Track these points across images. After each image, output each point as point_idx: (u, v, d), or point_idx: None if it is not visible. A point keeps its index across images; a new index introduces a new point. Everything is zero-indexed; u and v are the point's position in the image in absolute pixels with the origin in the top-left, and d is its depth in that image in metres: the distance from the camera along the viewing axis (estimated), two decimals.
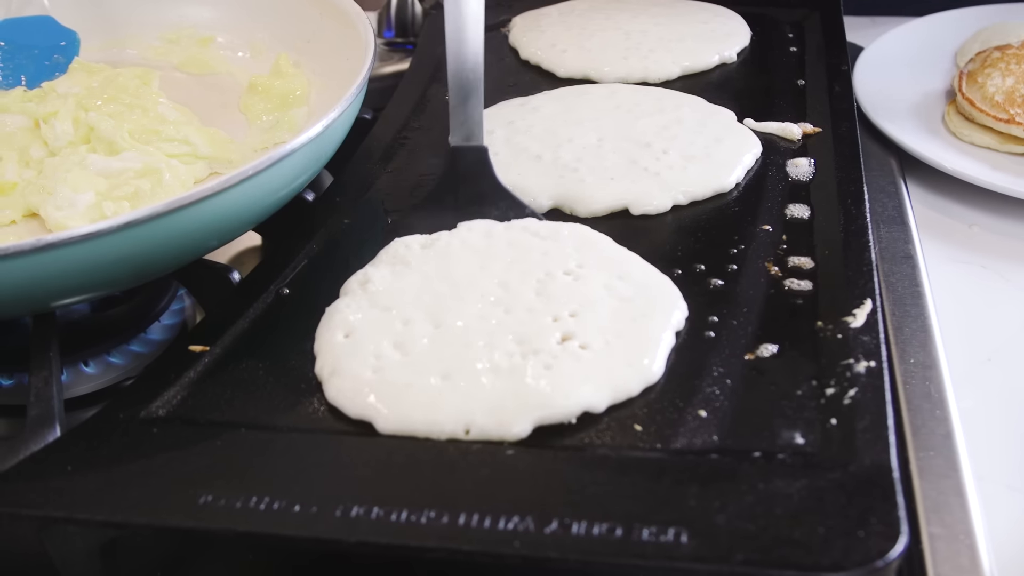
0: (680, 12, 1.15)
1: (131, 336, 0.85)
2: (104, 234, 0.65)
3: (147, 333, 0.86)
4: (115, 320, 0.86)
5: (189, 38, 1.07)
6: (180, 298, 0.89)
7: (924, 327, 0.82)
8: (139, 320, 0.86)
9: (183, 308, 0.89)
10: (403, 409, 0.64)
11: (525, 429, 0.63)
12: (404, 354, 0.68)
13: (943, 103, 1.12)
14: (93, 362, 0.83)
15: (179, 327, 0.87)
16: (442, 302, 0.71)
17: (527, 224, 0.79)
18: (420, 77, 1.09)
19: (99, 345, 0.84)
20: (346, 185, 0.90)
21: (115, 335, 0.85)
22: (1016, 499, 0.71)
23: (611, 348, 0.67)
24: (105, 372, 0.83)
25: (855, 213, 0.81)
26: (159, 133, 0.87)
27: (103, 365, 0.83)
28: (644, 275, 0.74)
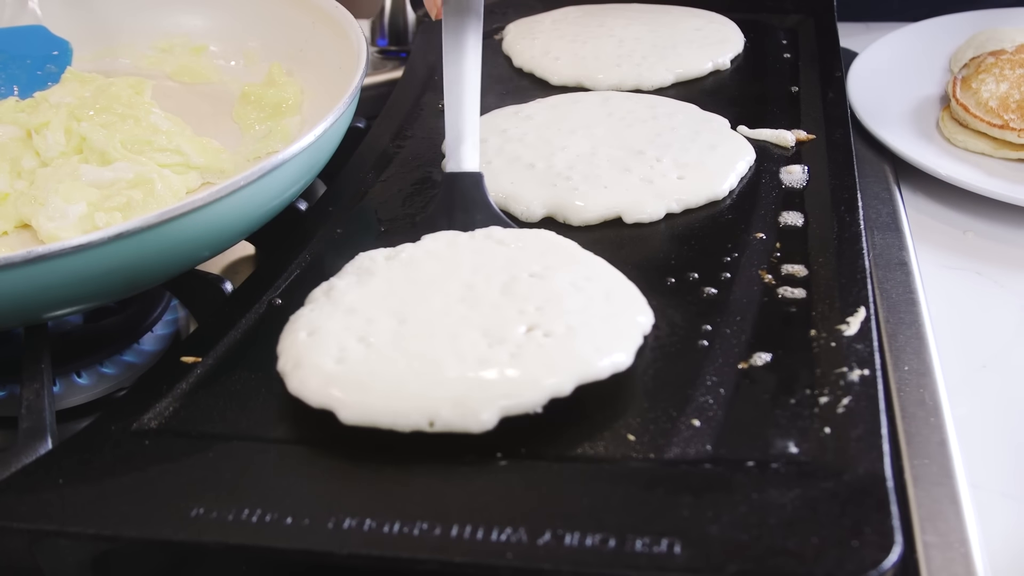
0: (673, 19, 1.15)
1: (124, 347, 0.85)
2: (96, 245, 0.65)
3: (140, 344, 0.85)
4: (108, 331, 0.86)
5: (182, 47, 1.07)
6: (173, 308, 0.89)
7: (918, 334, 0.82)
8: (132, 331, 0.86)
9: (176, 319, 0.89)
10: (366, 399, 0.63)
11: (491, 419, 0.62)
12: (368, 347, 0.66)
13: (937, 109, 1.12)
14: (86, 373, 0.83)
15: (172, 337, 0.87)
16: (407, 302, 0.70)
17: (491, 232, 0.78)
18: (413, 85, 1.09)
19: (92, 356, 0.84)
20: (339, 194, 0.90)
21: (108, 346, 0.84)
22: (1011, 507, 0.70)
23: (577, 333, 0.66)
24: (98, 383, 0.82)
25: (849, 220, 0.81)
26: (151, 143, 0.87)
27: (96, 376, 0.83)
28: (612, 277, 0.73)
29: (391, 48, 1.25)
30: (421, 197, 0.89)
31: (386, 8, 1.25)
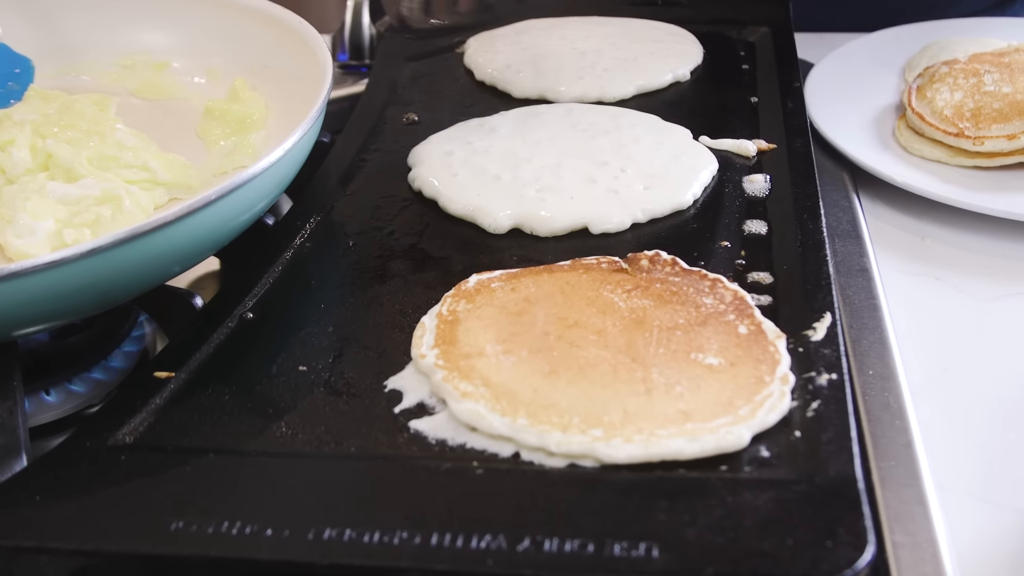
0: (633, 31, 1.16)
1: (92, 364, 0.84)
2: (68, 262, 0.65)
3: (108, 360, 0.85)
4: (76, 348, 0.85)
5: (144, 64, 1.07)
6: (140, 324, 0.89)
7: (881, 339, 0.83)
8: (100, 347, 0.85)
9: (144, 335, 0.88)
10: None
11: None
12: None
13: (893, 117, 1.13)
14: (54, 391, 0.82)
15: (140, 354, 0.86)
16: None
17: None
18: (376, 100, 1.09)
19: (60, 373, 0.83)
20: (306, 209, 0.90)
21: (76, 363, 0.84)
22: (977, 507, 0.72)
23: None
24: (67, 400, 0.82)
25: (812, 228, 0.82)
26: (118, 159, 0.87)
27: (64, 393, 0.82)
28: None
29: (352, 62, 1.25)
30: (388, 211, 0.90)
31: (346, 23, 1.25)
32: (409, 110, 1.06)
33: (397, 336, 0.75)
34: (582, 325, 0.72)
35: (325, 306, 0.79)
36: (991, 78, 1.08)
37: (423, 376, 0.70)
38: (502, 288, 0.76)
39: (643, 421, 0.64)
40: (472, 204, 0.86)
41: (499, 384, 0.67)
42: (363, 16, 1.25)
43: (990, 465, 0.75)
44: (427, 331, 0.73)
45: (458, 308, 0.74)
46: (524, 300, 0.75)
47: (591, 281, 0.76)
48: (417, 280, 0.81)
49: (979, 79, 1.08)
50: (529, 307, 0.74)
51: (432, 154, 0.95)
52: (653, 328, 0.71)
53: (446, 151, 0.91)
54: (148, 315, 0.88)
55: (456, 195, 0.87)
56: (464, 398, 0.66)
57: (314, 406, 0.69)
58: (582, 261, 0.79)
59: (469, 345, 0.71)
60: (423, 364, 0.70)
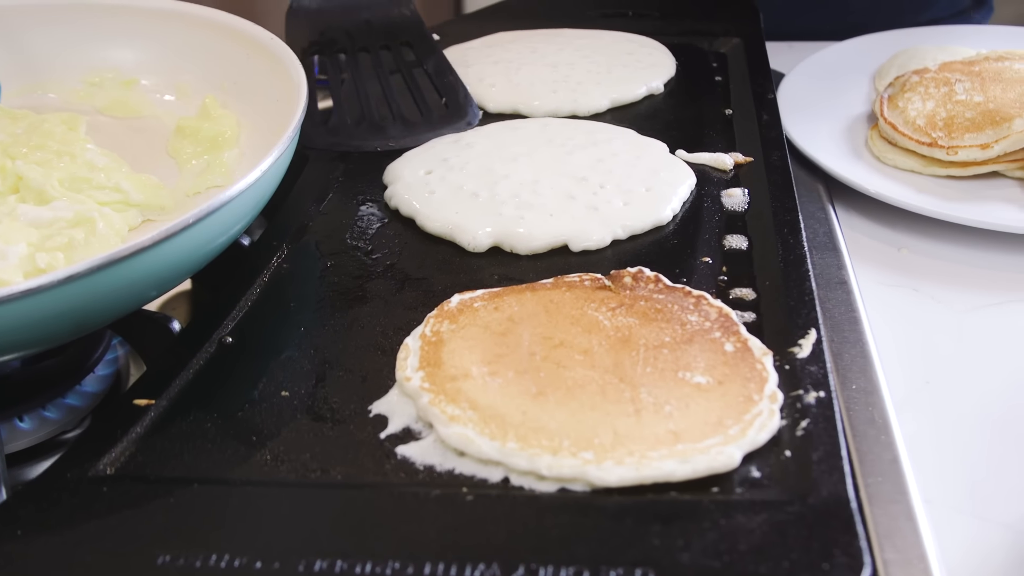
0: (605, 44, 1.16)
1: (66, 389, 0.83)
2: (43, 290, 0.64)
3: (82, 385, 0.84)
4: (48, 373, 0.84)
5: (112, 81, 1.05)
6: (114, 348, 0.87)
7: (863, 353, 0.83)
8: (73, 372, 0.84)
9: (117, 357, 0.87)
10: None
11: None
12: None
13: (865, 127, 1.14)
14: (28, 417, 0.81)
15: (114, 377, 0.85)
16: None
17: None
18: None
19: (33, 400, 0.81)
20: (282, 229, 0.89)
21: (49, 388, 0.82)
22: (965, 522, 0.72)
23: None
24: (41, 427, 0.80)
25: (792, 243, 0.82)
26: (89, 181, 0.85)
27: (38, 420, 0.81)
28: None
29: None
30: (365, 230, 0.89)
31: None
32: None
33: (380, 359, 0.74)
34: (568, 345, 0.71)
35: (305, 329, 0.77)
36: (962, 87, 1.08)
37: (408, 399, 0.69)
38: (485, 307, 0.76)
39: (634, 443, 0.63)
40: (451, 222, 0.86)
41: (487, 407, 0.66)
42: None
43: (976, 479, 0.75)
44: (411, 353, 0.72)
45: (441, 329, 0.74)
46: (508, 319, 0.74)
47: (575, 299, 0.76)
48: (397, 301, 0.80)
49: (950, 88, 1.08)
50: (513, 327, 0.73)
51: (408, 172, 0.94)
52: (639, 347, 0.71)
53: (422, 169, 0.90)
54: (122, 338, 0.87)
55: (434, 213, 0.86)
56: (452, 422, 0.65)
57: (298, 433, 0.68)
58: (565, 279, 0.78)
59: (454, 367, 0.70)
60: (408, 387, 0.69)
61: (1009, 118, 1.02)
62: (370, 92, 1.06)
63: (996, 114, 1.03)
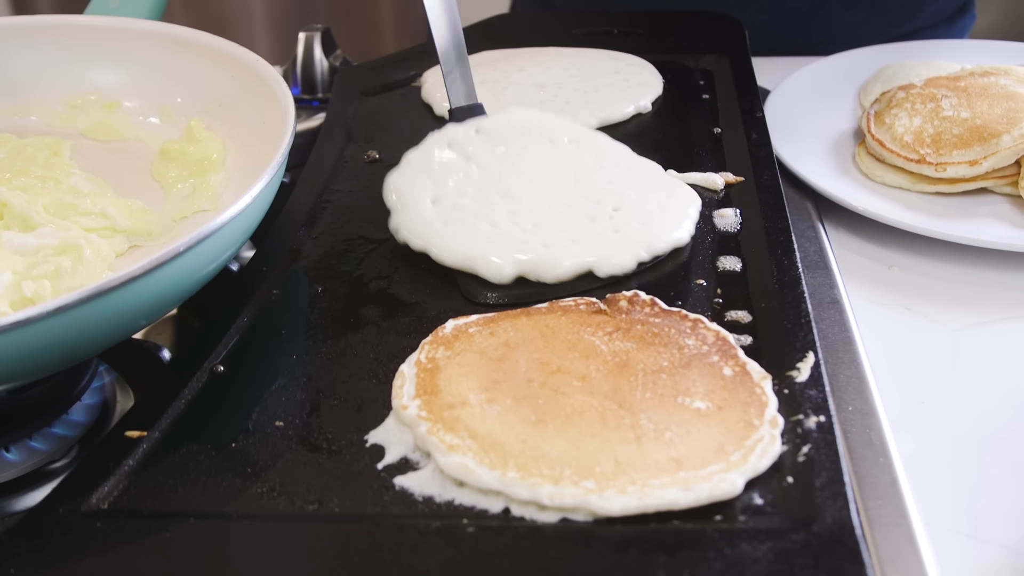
0: (591, 62, 1.15)
1: (52, 418, 0.81)
2: (33, 321, 0.63)
3: (69, 414, 0.82)
4: (34, 402, 0.82)
5: (94, 103, 1.03)
6: (100, 375, 0.86)
7: (858, 374, 0.83)
8: (59, 401, 0.82)
9: (103, 386, 0.86)
10: None
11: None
12: None
13: (852, 143, 1.13)
14: (14, 448, 0.79)
15: (101, 407, 0.84)
16: None
17: None
18: (336, 137, 1.07)
19: (19, 430, 0.80)
20: (271, 254, 0.88)
21: (35, 418, 0.81)
22: (966, 544, 0.71)
23: None
24: (28, 457, 0.79)
25: (787, 264, 0.82)
26: (75, 207, 0.84)
27: (25, 451, 0.79)
28: None
29: (304, 96, 1.23)
30: (355, 254, 0.88)
31: (298, 56, 1.23)
32: (369, 147, 1.04)
33: (374, 386, 0.73)
34: (565, 371, 0.70)
35: (297, 357, 0.76)
36: (949, 103, 1.08)
37: (405, 428, 0.68)
38: (480, 333, 0.75)
39: (635, 471, 0.63)
40: (471, 255, 0.83)
41: (486, 435, 0.65)
42: (315, 50, 1.22)
43: (976, 500, 0.75)
44: (407, 380, 0.71)
45: (437, 355, 0.73)
46: (504, 345, 0.73)
47: (570, 324, 0.75)
48: (390, 327, 0.79)
49: (937, 104, 1.08)
50: (510, 352, 0.72)
51: (412, 201, 0.90)
52: (638, 372, 0.70)
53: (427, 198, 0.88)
54: (108, 365, 0.86)
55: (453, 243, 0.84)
56: (451, 451, 0.64)
57: (294, 464, 0.67)
58: (560, 303, 0.78)
59: (451, 394, 0.69)
60: (405, 416, 0.68)
61: (997, 134, 1.02)
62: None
63: (983, 130, 1.03)
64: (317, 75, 1.23)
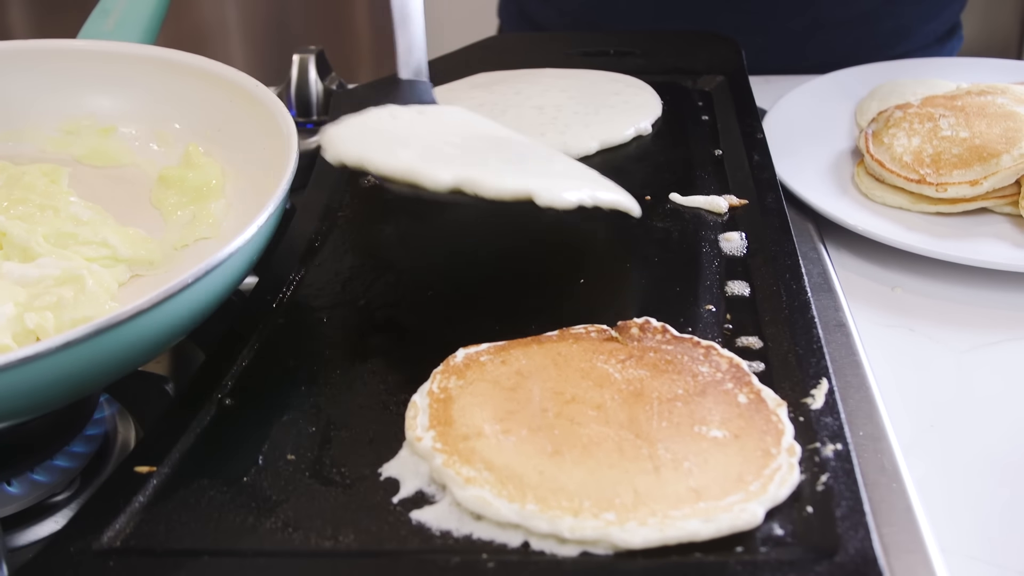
0: (589, 83, 1.15)
1: (55, 451, 0.80)
2: (41, 357, 0.62)
3: (71, 446, 0.81)
4: (35, 435, 0.81)
5: (89, 128, 1.02)
6: (101, 406, 0.85)
7: (867, 397, 0.82)
8: (61, 433, 0.81)
9: (105, 417, 0.85)
10: None
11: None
12: None
13: (850, 163, 1.13)
14: (16, 481, 0.78)
15: (103, 437, 0.83)
16: None
17: None
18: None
19: (21, 463, 0.79)
20: (274, 282, 0.87)
21: (37, 451, 0.80)
22: (982, 570, 0.71)
23: None
24: (31, 491, 0.78)
25: (795, 288, 0.81)
26: (75, 236, 0.83)
27: (27, 484, 0.78)
28: None
29: (299, 119, 1.22)
30: (360, 282, 0.87)
31: (292, 78, 1.22)
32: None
33: (386, 418, 0.72)
34: (580, 400, 0.70)
35: (306, 388, 0.75)
36: (947, 122, 1.08)
37: (419, 460, 0.68)
38: (492, 361, 0.74)
39: (655, 502, 0.62)
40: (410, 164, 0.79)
41: (503, 467, 0.65)
42: (309, 72, 1.21)
43: (989, 525, 0.74)
44: (420, 411, 0.70)
45: (449, 385, 0.72)
46: (516, 374, 0.72)
47: (583, 351, 0.74)
48: (399, 356, 0.78)
49: (935, 123, 1.08)
50: (523, 381, 0.72)
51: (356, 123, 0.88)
52: (653, 400, 0.69)
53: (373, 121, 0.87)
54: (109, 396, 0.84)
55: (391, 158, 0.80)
56: (468, 484, 0.64)
57: (308, 498, 0.66)
58: (571, 331, 0.77)
59: (466, 425, 0.68)
60: (420, 447, 0.67)
61: (996, 154, 1.02)
62: None
63: (983, 150, 1.03)
64: (312, 97, 1.22)
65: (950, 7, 1.51)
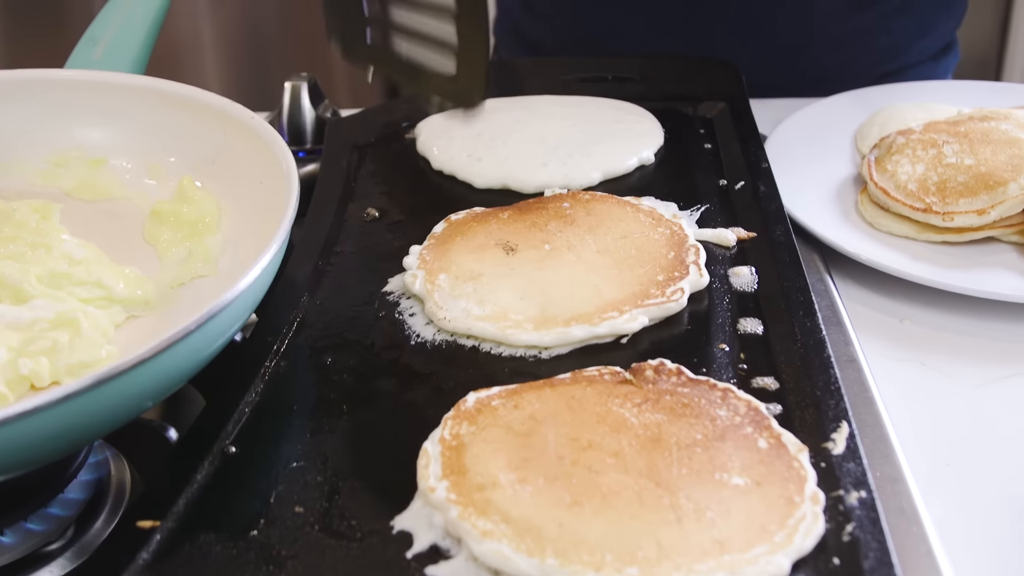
0: (590, 112, 1.13)
1: (49, 498, 0.78)
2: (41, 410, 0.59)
3: (65, 493, 0.79)
4: (28, 481, 0.78)
5: (78, 160, 0.98)
6: (95, 450, 0.82)
7: (883, 436, 0.80)
8: (55, 480, 0.79)
9: (98, 461, 0.82)
10: None
11: None
12: None
13: (852, 190, 1.12)
14: (9, 531, 0.76)
15: (97, 484, 0.80)
16: None
17: None
18: (331, 194, 1.03)
19: (14, 512, 0.76)
20: (275, 323, 0.84)
21: (31, 499, 0.77)
22: None
23: None
24: (24, 540, 0.75)
25: (810, 326, 0.80)
26: (69, 276, 0.80)
27: (21, 533, 0.76)
28: None
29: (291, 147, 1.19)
30: (363, 321, 0.84)
31: (284, 106, 1.19)
32: (368, 204, 1.00)
33: (396, 467, 0.69)
34: (597, 446, 0.68)
35: (312, 435, 0.73)
36: (951, 149, 1.06)
37: (433, 511, 0.65)
38: (504, 406, 0.72)
39: (679, 555, 0.60)
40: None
41: (520, 519, 0.63)
42: (302, 99, 1.19)
43: (1011, 567, 0.73)
44: (432, 460, 0.68)
45: (461, 431, 0.70)
46: (530, 418, 0.70)
47: (597, 395, 0.72)
48: (407, 400, 0.76)
49: (939, 150, 1.07)
50: (537, 426, 0.70)
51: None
52: (672, 446, 0.68)
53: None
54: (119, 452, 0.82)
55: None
56: (485, 538, 0.62)
57: (319, 553, 0.63)
58: (584, 373, 0.75)
59: (480, 474, 0.66)
60: (434, 499, 0.65)
61: (1003, 182, 1.01)
62: None
63: (989, 178, 1.02)
64: (305, 125, 1.19)
65: (944, 23, 1.50)
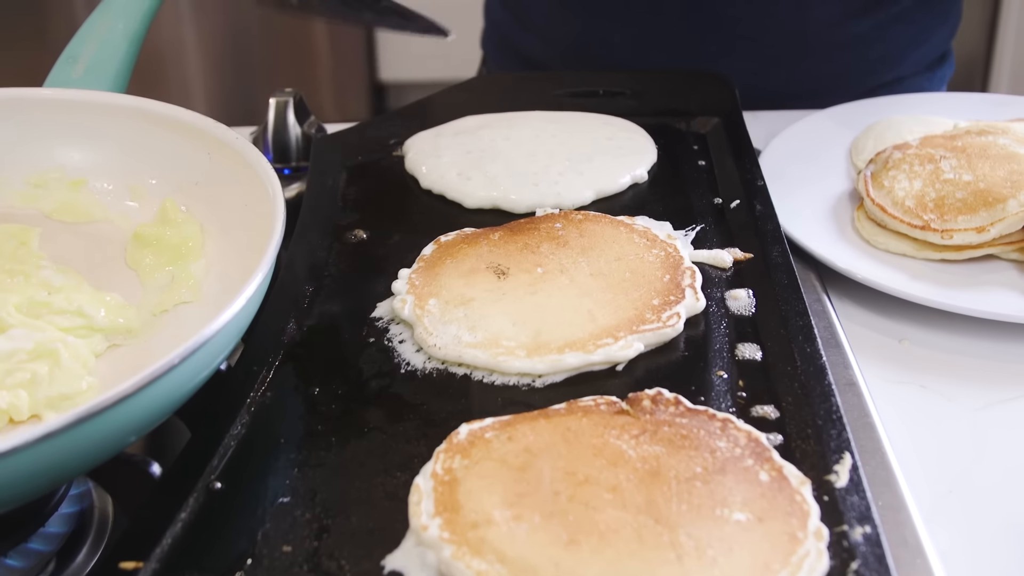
0: (581, 128, 1.10)
1: (29, 533, 0.76)
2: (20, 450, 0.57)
3: (46, 527, 0.76)
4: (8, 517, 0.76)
5: (57, 182, 0.96)
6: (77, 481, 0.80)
7: (884, 463, 0.78)
8: (35, 514, 0.76)
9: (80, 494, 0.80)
10: None
11: None
12: None
13: (848, 206, 1.10)
14: None
15: (79, 516, 0.78)
16: None
17: None
18: (317, 215, 1.00)
19: None
20: (260, 352, 0.82)
21: (11, 535, 0.75)
22: None
23: None
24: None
25: (810, 352, 0.78)
26: (49, 305, 0.78)
27: (2, 569, 0.74)
28: None
29: (276, 165, 1.17)
30: (351, 349, 0.82)
31: (269, 122, 1.17)
32: (355, 225, 0.98)
33: (387, 503, 0.67)
34: (594, 481, 0.65)
35: (299, 470, 0.71)
36: (948, 164, 1.05)
37: (426, 550, 0.63)
38: (497, 438, 0.70)
39: None
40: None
41: (516, 559, 0.61)
42: (288, 116, 1.17)
43: None
44: (423, 495, 0.66)
45: (454, 465, 0.68)
46: (524, 451, 0.68)
47: (593, 426, 0.70)
48: (397, 432, 0.73)
49: (936, 166, 1.05)
50: (532, 459, 0.67)
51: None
52: (671, 480, 0.66)
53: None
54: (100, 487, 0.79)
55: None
56: None
57: None
58: (579, 403, 0.73)
59: (474, 511, 0.64)
60: (426, 537, 0.63)
61: (1003, 199, 0.99)
62: None
63: (988, 194, 1.00)
64: (291, 142, 1.17)
65: (939, 33, 1.49)
